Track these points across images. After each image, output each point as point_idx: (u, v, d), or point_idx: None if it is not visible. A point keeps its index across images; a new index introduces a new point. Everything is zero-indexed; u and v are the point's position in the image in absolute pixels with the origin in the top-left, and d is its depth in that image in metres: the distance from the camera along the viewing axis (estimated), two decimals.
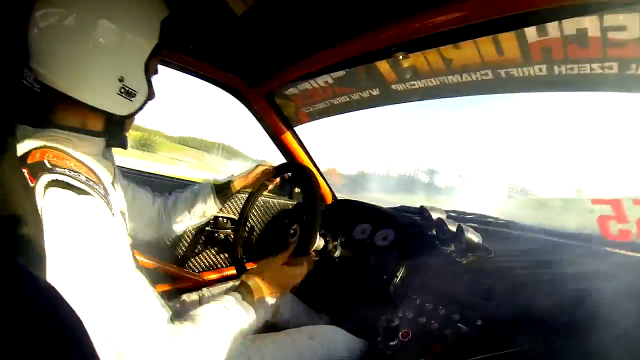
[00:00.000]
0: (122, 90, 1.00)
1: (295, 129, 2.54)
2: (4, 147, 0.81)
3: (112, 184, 1.12)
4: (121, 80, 1.00)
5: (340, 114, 2.33)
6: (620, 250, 1.53)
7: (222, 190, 1.75)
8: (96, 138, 1.06)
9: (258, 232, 2.53)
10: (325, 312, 2.04)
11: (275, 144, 2.54)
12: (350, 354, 1.62)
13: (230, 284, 1.97)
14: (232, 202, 2.38)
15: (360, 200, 2.63)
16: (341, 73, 1.99)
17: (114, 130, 1.12)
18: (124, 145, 1.18)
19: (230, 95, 2.33)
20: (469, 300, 1.55)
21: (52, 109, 1.00)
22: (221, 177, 1.83)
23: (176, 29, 1.16)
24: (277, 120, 2.44)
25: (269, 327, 1.76)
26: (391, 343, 1.58)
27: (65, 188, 0.81)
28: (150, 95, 1.13)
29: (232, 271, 2.42)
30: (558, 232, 1.85)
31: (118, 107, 1.02)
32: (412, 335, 1.56)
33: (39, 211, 0.78)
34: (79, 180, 0.85)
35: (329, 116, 2.38)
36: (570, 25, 1.32)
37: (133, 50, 1.02)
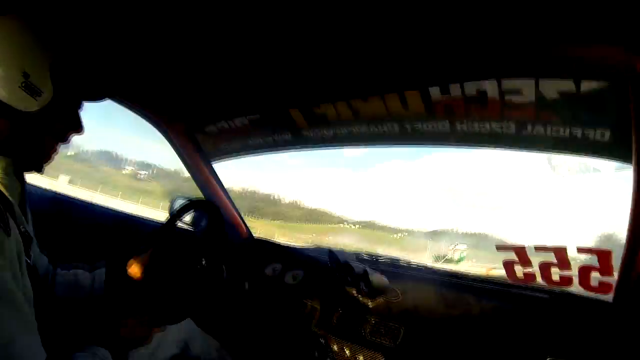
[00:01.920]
0: (24, 84, 0.98)
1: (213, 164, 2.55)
2: None
3: (22, 202, 1.11)
4: (25, 75, 0.98)
5: (256, 153, 2.38)
6: (525, 292, 1.64)
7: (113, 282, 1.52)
8: (3, 157, 1.04)
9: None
10: (235, 348, 2.01)
11: (193, 178, 2.53)
12: None
13: None
14: None
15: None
16: (257, 116, 2.04)
17: (22, 146, 1.07)
18: (38, 169, 1.15)
19: None
20: (374, 342, 1.59)
21: None
22: None
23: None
24: (195, 155, 2.45)
25: None
26: None
27: None
28: (75, 124, 1.15)
29: None
30: (467, 275, 1.94)
31: (18, 101, 0.99)
32: None
33: None
34: None
35: (246, 155, 2.43)
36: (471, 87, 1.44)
37: (37, 49, 1.02)
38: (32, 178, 1.24)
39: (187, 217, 1.86)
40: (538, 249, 1.49)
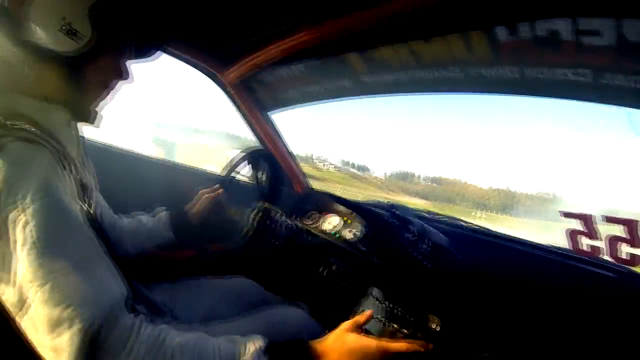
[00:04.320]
0: (64, 28, 1.04)
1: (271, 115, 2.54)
2: None
3: (77, 155, 1.16)
4: (64, 19, 1.04)
5: (313, 102, 2.33)
6: (589, 267, 1.55)
7: (179, 223, 1.66)
8: (59, 106, 1.09)
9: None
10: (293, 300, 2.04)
11: (250, 129, 2.53)
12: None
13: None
14: None
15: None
16: (313, 61, 1.97)
17: (70, 93, 1.12)
18: (91, 120, 1.19)
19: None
20: (429, 305, 1.53)
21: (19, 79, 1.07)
22: None
23: None
24: (251, 105, 2.43)
25: None
26: None
27: (17, 140, 0.88)
28: (120, 71, 1.19)
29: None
30: (529, 242, 1.86)
31: (60, 44, 1.05)
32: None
33: None
34: (31, 133, 0.91)
35: (303, 104, 2.39)
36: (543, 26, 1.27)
37: None
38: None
39: (246, 170, 1.86)
40: (609, 219, 1.34)
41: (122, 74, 1.20)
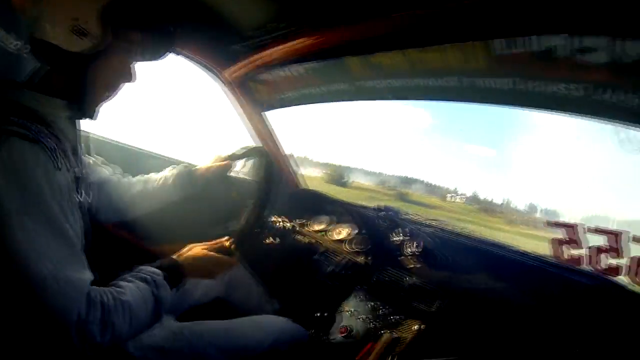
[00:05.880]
0: (75, 28, 1.06)
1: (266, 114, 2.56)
2: None
3: (75, 148, 1.22)
4: (75, 19, 1.06)
5: (310, 103, 2.34)
6: (569, 275, 1.56)
7: (185, 179, 1.72)
8: (57, 99, 1.13)
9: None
10: (278, 297, 2.06)
11: (246, 127, 2.56)
12: (296, 347, 1.66)
13: None
14: None
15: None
16: (313, 64, 1.99)
17: (76, 91, 1.16)
18: (90, 116, 1.24)
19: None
20: (411, 305, 1.58)
21: (21, 72, 1.15)
22: None
23: None
24: (247, 103, 2.45)
25: (220, 303, 1.81)
26: (331, 337, 1.63)
27: (13, 135, 0.95)
28: (126, 73, 1.24)
29: None
30: (512, 248, 1.88)
31: (71, 43, 1.08)
32: (350, 331, 1.60)
33: None
34: (27, 129, 0.97)
35: (299, 105, 2.40)
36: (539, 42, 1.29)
37: None
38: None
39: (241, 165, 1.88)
40: (591, 230, 1.38)
41: (128, 76, 1.24)
